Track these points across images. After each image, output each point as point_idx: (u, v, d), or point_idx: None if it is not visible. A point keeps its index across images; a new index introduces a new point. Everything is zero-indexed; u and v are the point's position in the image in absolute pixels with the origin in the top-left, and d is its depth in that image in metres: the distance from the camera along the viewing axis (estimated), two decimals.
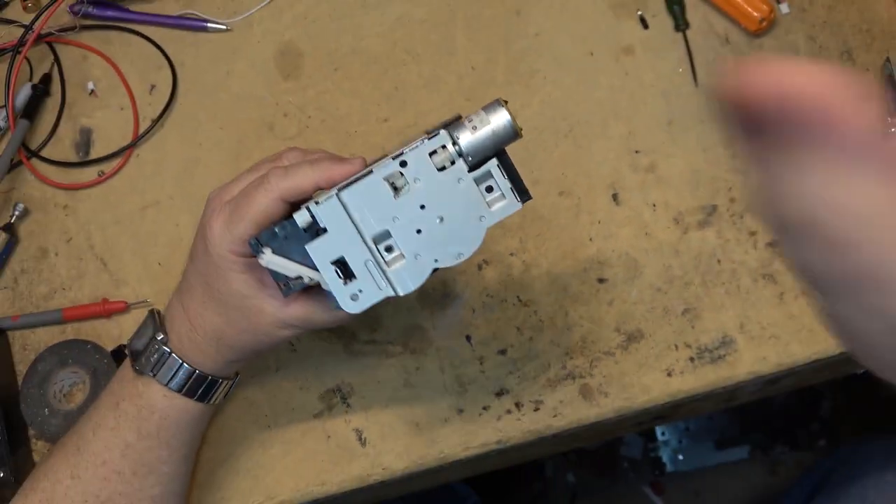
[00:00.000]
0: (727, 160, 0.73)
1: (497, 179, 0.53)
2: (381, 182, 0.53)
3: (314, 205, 0.53)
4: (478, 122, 0.52)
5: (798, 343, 0.68)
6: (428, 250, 0.53)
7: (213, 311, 0.59)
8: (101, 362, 0.72)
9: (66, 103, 0.83)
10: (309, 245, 0.53)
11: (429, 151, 0.52)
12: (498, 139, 0.52)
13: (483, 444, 0.69)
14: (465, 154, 0.52)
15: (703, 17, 0.77)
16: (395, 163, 0.52)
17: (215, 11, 0.84)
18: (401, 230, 0.53)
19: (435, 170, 0.52)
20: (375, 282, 0.54)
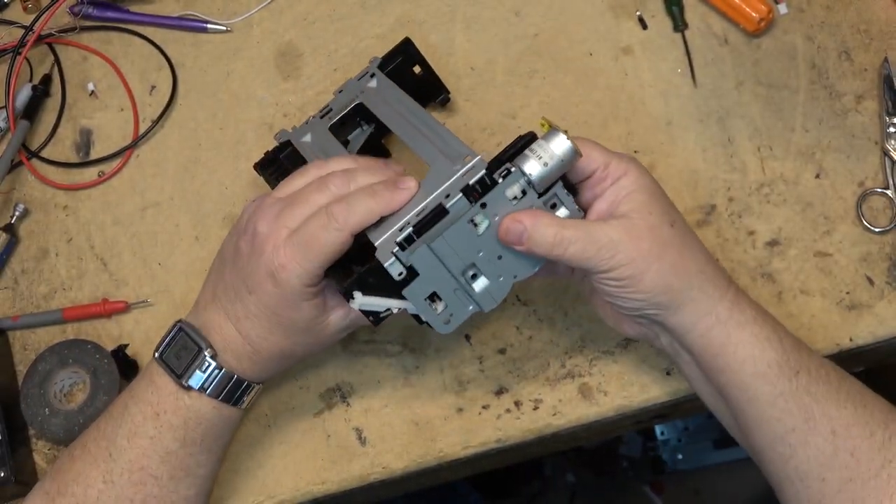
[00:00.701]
0: (725, 160, 0.73)
1: (562, 197, 0.57)
2: (465, 224, 0.56)
3: (404, 253, 0.56)
4: (543, 154, 0.55)
5: None
6: (509, 270, 0.59)
7: (280, 335, 0.61)
8: (101, 362, 0.72)
9: (66, 104, 0.83)
10: (406, 290, 0.57)
11: (505, 190, 0.56)
12: (564, 166, 0.56)
13: (482, 443, 0.69)
14: (536, 186, 0.56)
15: (701, 17, 0.77)
16: (476, 206, 0.56)
17: (215, 12, 0.84)
18: (485, 260, 0.58)
19: (511, 204, 0.56)
20: (462, 303, 0.59)
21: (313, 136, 0.70)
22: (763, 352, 0.56)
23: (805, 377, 0.56)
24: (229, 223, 0.77)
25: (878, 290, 0.68)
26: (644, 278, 0.55)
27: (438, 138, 0.62)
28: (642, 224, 0.55)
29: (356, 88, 0.71)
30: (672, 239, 0.56)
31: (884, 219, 0.70)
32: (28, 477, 0.72)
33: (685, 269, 0.56)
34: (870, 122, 0.72)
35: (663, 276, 0.55)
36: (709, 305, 0.57)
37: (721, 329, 0.57)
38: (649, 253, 0.55)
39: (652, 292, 0.56)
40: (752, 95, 0.74)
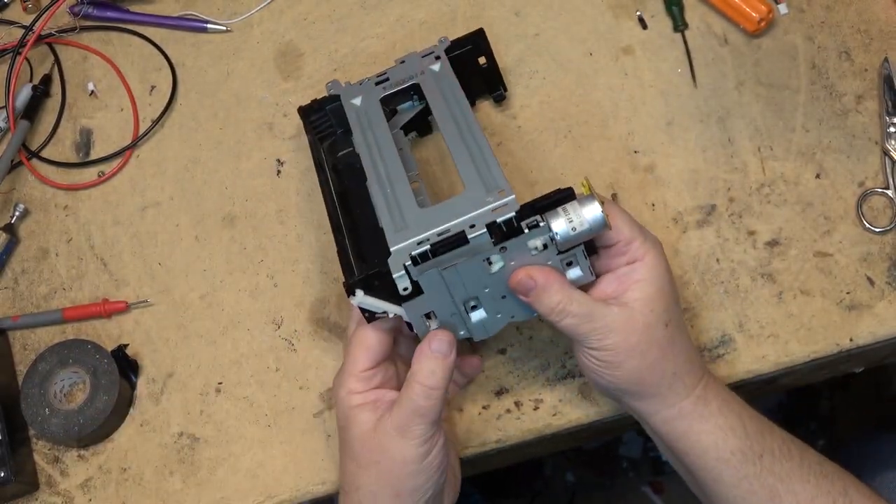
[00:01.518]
0: (726, 160, 0.73)
1: (579, 259, 0.58)
2: (480, 261, 0.57)
3: (415, 269, 0.56)
4: (574, 217, 0.56)
5: (797, 342, 0.68)
6: (508, 310, 0.60)
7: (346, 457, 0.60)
8: (101, 362, 0.72)
9: (66, 104, 0.83)
10: (406, 304, 0.57)
11: (528, 241, 0.56)
12: (590, 234, 0.56)
13: (482, 443, 0.69)
14: (559, 245, 0.56)
15: (701, 17, 0.77)
16: (496, 249, 0.56)
17: (215, 12, 0.84)
18: (489, 296, 0.59)
19: (530, 254, 0.57)
20: (455, 327, 0.60)
21: (364, 101, 0.70)
22: (725, 441, 0.58)
23: (769, 458, 0.58)
24: (229, 223, 0.78)
25: (879, 290, 0.68)
26: (622, 367, 0.58)
27: (482, 159, 0.61)
28: (640, 319, 0.57)
29: (417, 66, 0.71)
30: (661, 340, 0.58)
31: (884, 219, 0.70)
32: (28, 477, 0.72)
33: (662, 369, 0.58)
34: (870, 123, 0.72)
35: (640, 371, 0.58)
36: (674, 400, 0.59)
37: (682, 421, 0.59)
38: (635, 347, 0.57)
39: (624, 381, 0.58)
40: (753, 95, 0.74)
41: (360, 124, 0.69)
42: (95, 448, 0.73)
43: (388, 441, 0.57)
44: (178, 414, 0.73)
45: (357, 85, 0.72)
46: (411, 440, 0.57)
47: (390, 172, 0.64)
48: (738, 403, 0.60)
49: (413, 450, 0.57)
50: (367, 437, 0.58)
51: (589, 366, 0.59)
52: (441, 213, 0.58)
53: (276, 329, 0.74)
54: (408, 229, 0.58)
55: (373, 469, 0.58)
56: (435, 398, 0.57)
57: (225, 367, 0.74)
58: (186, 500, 0.71)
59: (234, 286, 0.76)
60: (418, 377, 0.57)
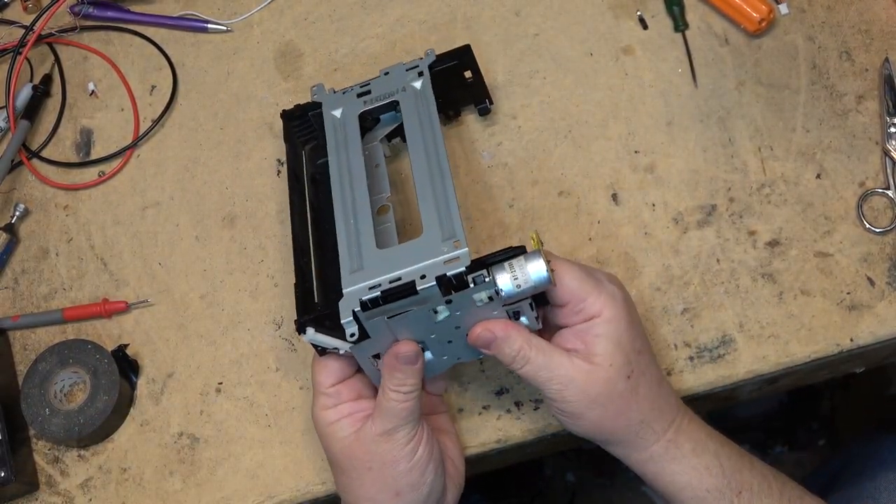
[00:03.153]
0: (726, 160, 0.73)
1: (526, 311, 0.58)
2: (427, 311, 0.57)
3: (363, 314, 0.57)
4: (519, 274, 0.56)
5: (797, 342, 0.68)
6: (454, 353, 0.61)
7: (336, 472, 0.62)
8: (101, 362, 0.72)
9: (66, 104, 0.84)
10: (353, 347, 0.58)
11: (473, 295, 0.56)
12: (535, 290, 0.57)
13: (483, 443, 0.69)
14: (505, 300, 0.57)
15: (702, 17, 0.77)
16: (442, 300, 0.57)
17: (215, 12, 0.84)
18: (435, 341, 0.60)
19: (476, 306, 0.57)
20: None
21: (343, 114, 0.70)
22: (700, 480, 0.59)
23: (748, 494, 0.59)
24: (229, 223, 0.78)
25: (879, 290, 0.68)
26: (584, 418, 0.58)
27: (444, 201, 0.62)
28: (600, 374, 0.57)
29: (401, 79, 0.71)
30: (623, 392, 0.58)
31: (884, 219, 0.70)
32: (28, 477, 0.72)
33: (626, 419, 0.58)
34: (870, 123, 0.72)
35: (602, 422, 0.58)
36: (644, 445, 0.59)
37: (655, 464, 0.60)
38: (595, 400, 0.57)
39: (589, 430, 0.59)
40: (753, 95, 0.74)
41: (336, 141, 0.69)
42: (95, 448, 0.73)
43: (374, 447, 0.59)
44: (178, 414, 0.73)
45: (340, 94, 0.72)
46: (396, 442, 0.58)
47: (356, 201, 0.64)
48: (716, 442, 0.61)
49: (400, 449, 0.59)
50: (351, 449, 0.59)
51: (556, 414, 0.60)
52: (397, 256, 0.59)
53: (276, 329, 0.74)
54: (363, 271, 0.59)
55: (367, 476, 0.59)
56: (410, 400, 0.58)
57: (225, 367, 0.74)
58: (186, 500, 0.71)
59: (234, 286, 0.76)
60: (390, 385, 0.58)
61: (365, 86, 0.72)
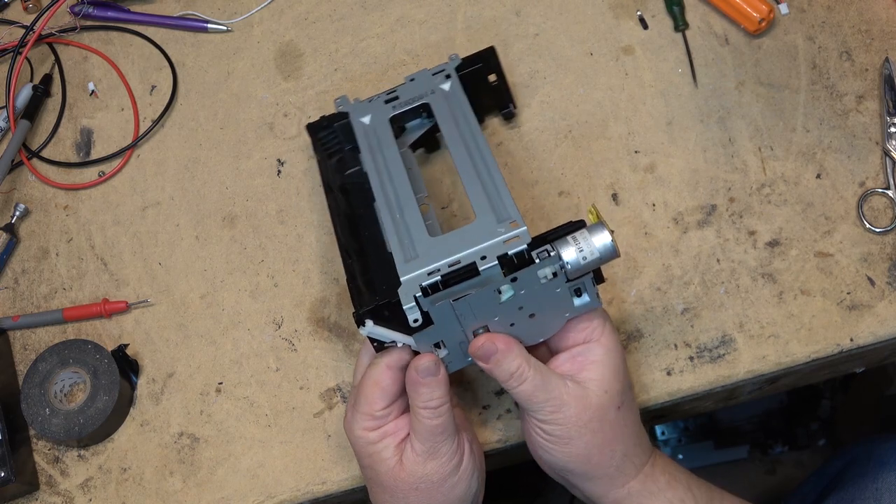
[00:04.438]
0: (726, 160, 0.73)
1: (587, 287, 0.58)
2: (491, 292, 0.56)
3: (426, 300, 0.56)
4: (585, 246, 0.56)
5: (797, 342, 0.68)
6: (515, 337, 0.59)
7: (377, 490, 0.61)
8: (101, 362, 0.72)
9: (66, 104, 0.84)
10: (416, 335, 0.57)
11: (538, 271, 0.56)
12: (600, 262, 0.56)
13: (483, 443, 0.69)
14: (569, 274, 0.56)
15: (702, 17, 0.77)
16: (506, 280, 0.56)
17: (216, 12, 0.84)
18: (497, 324, 0.58)
19: (540, 283, 0.57)
20: (461, 356, 0.60)
21: (373, 120, 0.70)
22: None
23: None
24: (230, 223, 0.78)
25: (879, 290, 0.68)
26: (571, 443, 0.58)
27: (493, 187, 0.61)
28: (594, 400, 0.57)
29: (428, 84, 0.71)
30: (614, 421, 0.58)
31: (884, 219, 0.70)
32: (28, 477, 0.72)
33: (611, 450, 0.59)
34: (870, 123, 0.72)
35: (589, 449, 0.58)
36: (623, 481, 0.60)
37: (632, 500, 0.60)
38: (587, 425, 0.57)
39: (573, 458, 0.59)
40: (753, 95, 0.74)
41: (370, 145, 0.68)
42: (95, 448, 0.73)
43: (420, 468, 0.58)
44: (178, 414, 0.73)
45: (366, 102, 0.72)
46: (441, 458, 0.58)
47: (400, 197, 0.64)
48: (686, 475, 0.62)
49: (445, 466, 0.58)
50: (397, 471, 0.58)
51: (539, 441, 0.59)
52: (452, 242, 0.58)
53: (276, 329, 0.74)
54: (418, 258, 0.58)
55: (413, 495, 0.59)
56: (442, 415, 0.58)
57: (225, 367, 0.74)
58: (186, 500, 0.71)
59: (234, 286, 0.76)
60: (419, 404, 0.58)
61: (391, 92, 0.72)
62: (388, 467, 0.59)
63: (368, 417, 0.59)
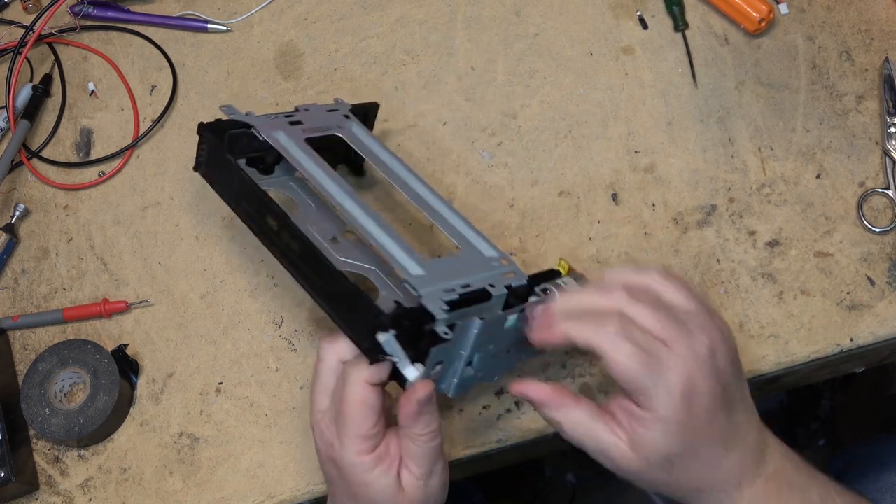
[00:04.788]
0: (726, 160, 0.73)
1: None
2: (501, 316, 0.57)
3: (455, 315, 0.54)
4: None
5: (797, 342, 0.68)
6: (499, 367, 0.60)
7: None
8: (101, 362, 0.72)
9: (66, 104, 0.83)
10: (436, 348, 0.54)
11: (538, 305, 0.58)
12: None
13: (483, 443, 0.69)
14: None
15: (702, 17, 0.77)
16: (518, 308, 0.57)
17: (215, 12, 0.84)
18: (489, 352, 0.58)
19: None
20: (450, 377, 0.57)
21: (286, 137, 0.65)
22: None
23: None
24: (229, 223, 0.78)
25: (879, 290, 0.68)
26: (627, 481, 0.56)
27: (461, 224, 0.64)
28: (635, 459, 0.53)
29: (327, 118, 0.69)
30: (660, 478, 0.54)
31: (884, 219, 0.70)
32: (28, 477, 0.72)
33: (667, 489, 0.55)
34: (870, 122, 0.72)
35: (641, 485, 0.55)
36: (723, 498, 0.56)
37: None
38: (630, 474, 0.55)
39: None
40: (753, 95, 0.74)
41: (300, 160, 0.63)
42: (95, 448, 0.73)
43: (422, 492, 0.57)
44: (178, 414, 0.73)
45: (266, 117, 0.66)
46: (437, 476, 0.58)
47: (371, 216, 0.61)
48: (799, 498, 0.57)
49: (440, 481, 0.58)
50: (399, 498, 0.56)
51: None
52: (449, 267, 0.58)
53: (276, 329, 0.74)
54: (425, 277, 0.56)
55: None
56: (439, 435, 0.56)
57: (225, 367, 0.74)
58: (186, 500, 0.71)
59: (234, 286, 0.76)
60: (417, 431, 0.55)
61: (289, 116, 0.68)
62: (388, 495, 0.56)
63: (360, 440, 0.55)
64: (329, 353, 0.58)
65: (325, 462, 0.59)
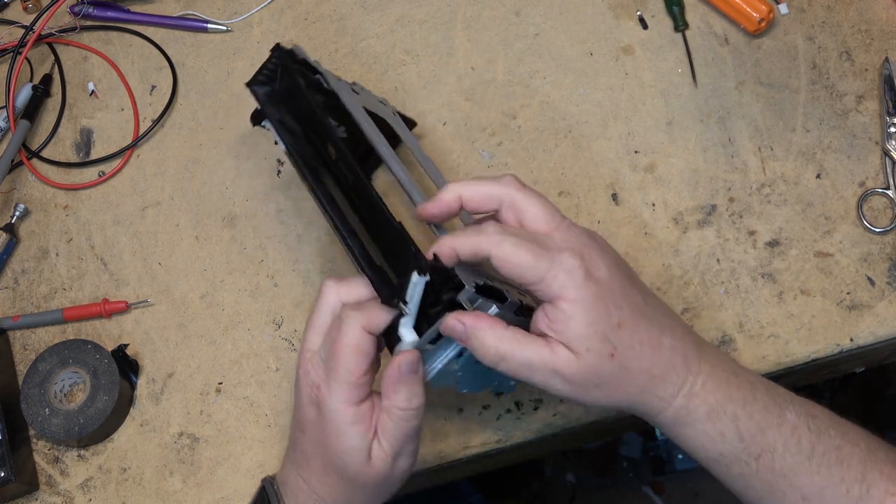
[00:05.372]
0: (726, 160, 0.73)
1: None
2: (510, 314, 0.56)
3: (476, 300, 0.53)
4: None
5: (797, 342, 0.68)
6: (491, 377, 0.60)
7: (335, 476, 0.56)
8: (101, 362, 0.72)
9: (66, 104, 0.83)
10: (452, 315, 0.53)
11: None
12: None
13: (483, 443, 0.69)
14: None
15: (702, 17, 0.77)
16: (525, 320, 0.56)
17: (215, 12, 0.84)
18: None
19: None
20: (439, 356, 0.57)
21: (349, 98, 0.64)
22: (713, 445, 0.55)
23: (768, 457, 0.54)
24: (229, 223, 0.78)
25: (879, 290, 0.68)
26: (580, 400, 0.54)
27: None
28: (580, 362, 0.52)
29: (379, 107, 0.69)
30: (611, 372, 0.53)
31: (884, 219, 0.70)
32: (28, 477, 0.72)
33: (624, 393, 0.54)
34: (870, 123, 0.72)
35: (599, 400, 0.54)
36: (652, 413, 0.55)
37: (668, 428, 0.56)
38: (583, 385, 0.53)
39: (591, 405, 0.57)
40: (753, 95, 0.74)
41: (358, 120, 0.63)
42: (95, 448, 0.73)
43: (388, 468, 0.55)
44: (178, 414, 0.73)
45: (333, 75, 0.66)
46: (406, 457, 0.56)
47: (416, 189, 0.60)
48: (737, 402, 0.55)
49: (408, 464, 0.57)
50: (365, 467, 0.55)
51: None
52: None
53: (276, 329, 0.74)
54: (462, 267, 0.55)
55: (372, 489, 0.57)
56: (420, 414, 0.55)
57: (225, 367, 0.74)
58: (186, 500, 0.71)
59: (234, 286, 0.76)
60: (401, 404, 0.54)
61: (353, 85, 0.69)
62: (358, 461, 0.55)
63: (349, 387, 0.54)
64: (331, 291, 0.57)
65: (304, 405, 0.56)
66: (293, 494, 0.58)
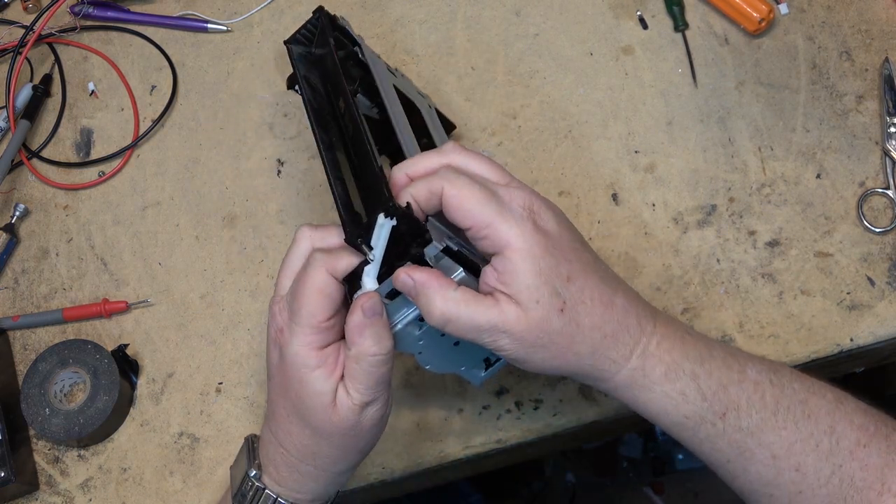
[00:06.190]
0: (726, 160, 0.73)
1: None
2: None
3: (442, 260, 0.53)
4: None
5: (797, 342, 0.68)
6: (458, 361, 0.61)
7: (298, 425, 0.55)
8: (101, 362, 0.72)
9: (66, 104, 0.83)
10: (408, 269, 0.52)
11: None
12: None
13: (483, 443, 0.69)
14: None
15: (702, 17, 0.77)
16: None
17: (215, 12, 0.84)
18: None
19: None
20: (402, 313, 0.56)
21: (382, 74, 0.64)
22: (676, 407, 0.53)
23: (733, 415, 0.53)
24: (229, 223, 0.78)
25: (879, 290, 0.68)
26: (529, 362, 0.52)
27: None
28: (529, 315, 0.50)
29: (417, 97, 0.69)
30: (561, 328, 0.51)
31: (884, 219, 0.70)
32: (28, 477, 0.72)
33: (574, 354, 0.52)
34: (870, 123, 0.72)
35: (549, 362, 0.52)
36: (606, 376, 0.53)
37: (624, 392, 0.54)
38: (534, 344, 0.51)
39: (541, 371, 0.53)
40: (753, 95, 0.74)
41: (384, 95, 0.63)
42: (95, 448, 0.73)
43: (355, 416, 0.53)
44: (178, 414, 0.73)
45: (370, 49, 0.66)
46: (376, 406, 0.54)
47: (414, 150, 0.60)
48: (693, 360, 0.53)
49: (379, 414, 0.55)
50: (329, 413, 0.53)
51: None
52: None
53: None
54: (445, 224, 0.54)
55: (338, 440, 0.55)
56: (390, 359, 0.53)
57: (225, 367, 0.74)
58: (186, 500, 0.71)
59: (234, 286, 0.76)
60: (369, 349, 0.52)
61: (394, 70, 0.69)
62: (320, 405, 0.53)
63: (311, 331, 0.52)
64: (304, 237, 0.56)
65: (270, 349, 0.55)
66: (264, 448, 0.58)
